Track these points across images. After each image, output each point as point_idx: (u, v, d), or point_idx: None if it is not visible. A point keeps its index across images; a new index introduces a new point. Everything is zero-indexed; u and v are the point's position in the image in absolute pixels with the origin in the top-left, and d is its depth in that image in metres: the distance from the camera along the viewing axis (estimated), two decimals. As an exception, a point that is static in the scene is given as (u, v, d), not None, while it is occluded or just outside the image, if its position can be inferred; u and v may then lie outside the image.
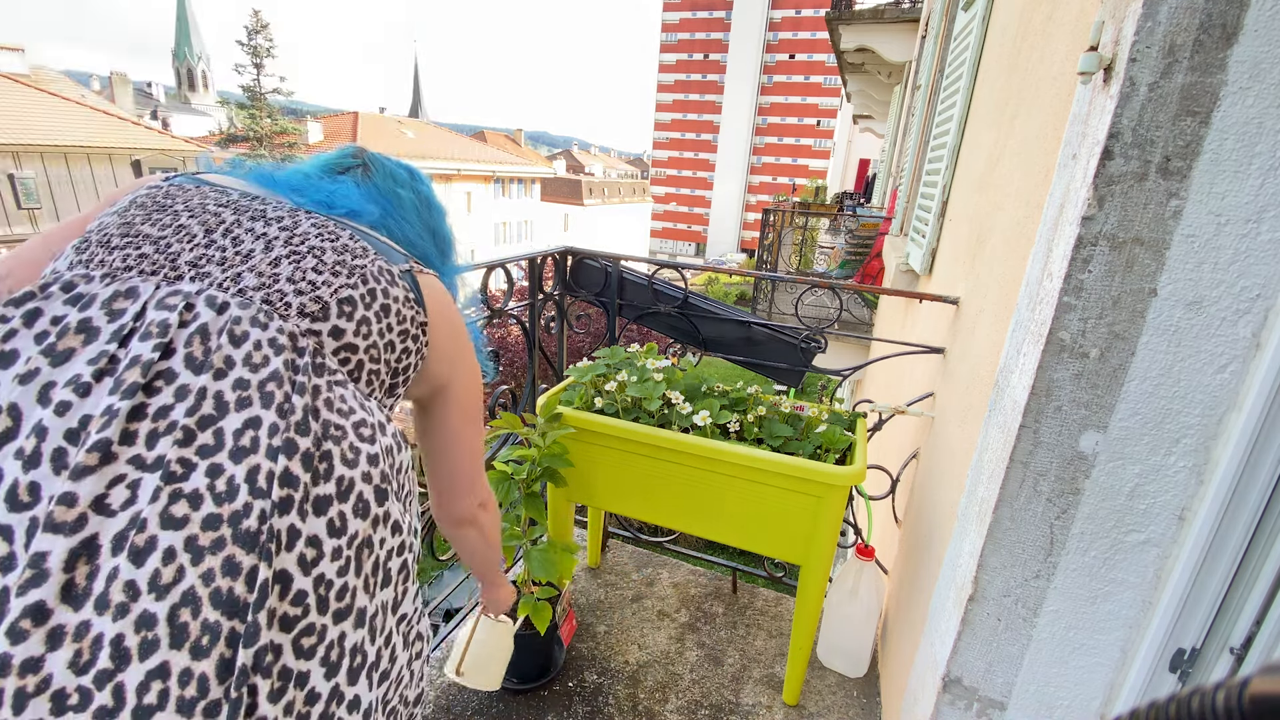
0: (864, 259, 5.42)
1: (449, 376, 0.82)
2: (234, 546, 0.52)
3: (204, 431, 0.54)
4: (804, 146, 61.11)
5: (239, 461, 0.54)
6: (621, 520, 2.31)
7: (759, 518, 1.46)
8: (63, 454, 0.50)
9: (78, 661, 0.46)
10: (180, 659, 0.49)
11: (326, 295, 0.65)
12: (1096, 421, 0.87)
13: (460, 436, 0.86)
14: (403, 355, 0.73)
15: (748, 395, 1.63)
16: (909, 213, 3.53)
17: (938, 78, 3.23)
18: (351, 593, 0.60)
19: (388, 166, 0.87)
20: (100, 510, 0.50)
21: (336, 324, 0.65)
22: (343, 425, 0.62)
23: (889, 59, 6.21)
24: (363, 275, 0.69)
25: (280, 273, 0.64)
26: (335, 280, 0.66)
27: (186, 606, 0.49)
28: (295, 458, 0.56)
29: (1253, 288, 0.76)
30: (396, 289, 0.71)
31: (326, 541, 0.57)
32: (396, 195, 0.85)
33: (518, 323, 1.90)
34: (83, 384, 0.53)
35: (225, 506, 0.53)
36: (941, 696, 1.07)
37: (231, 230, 0.66)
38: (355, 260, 0.69)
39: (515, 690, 1.59)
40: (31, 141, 12.91)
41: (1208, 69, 0.73)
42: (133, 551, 0.49)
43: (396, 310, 0.71)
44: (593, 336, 2.49)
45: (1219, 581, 0.83)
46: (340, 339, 0.66)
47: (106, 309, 0.57)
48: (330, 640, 0.58)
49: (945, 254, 2.11)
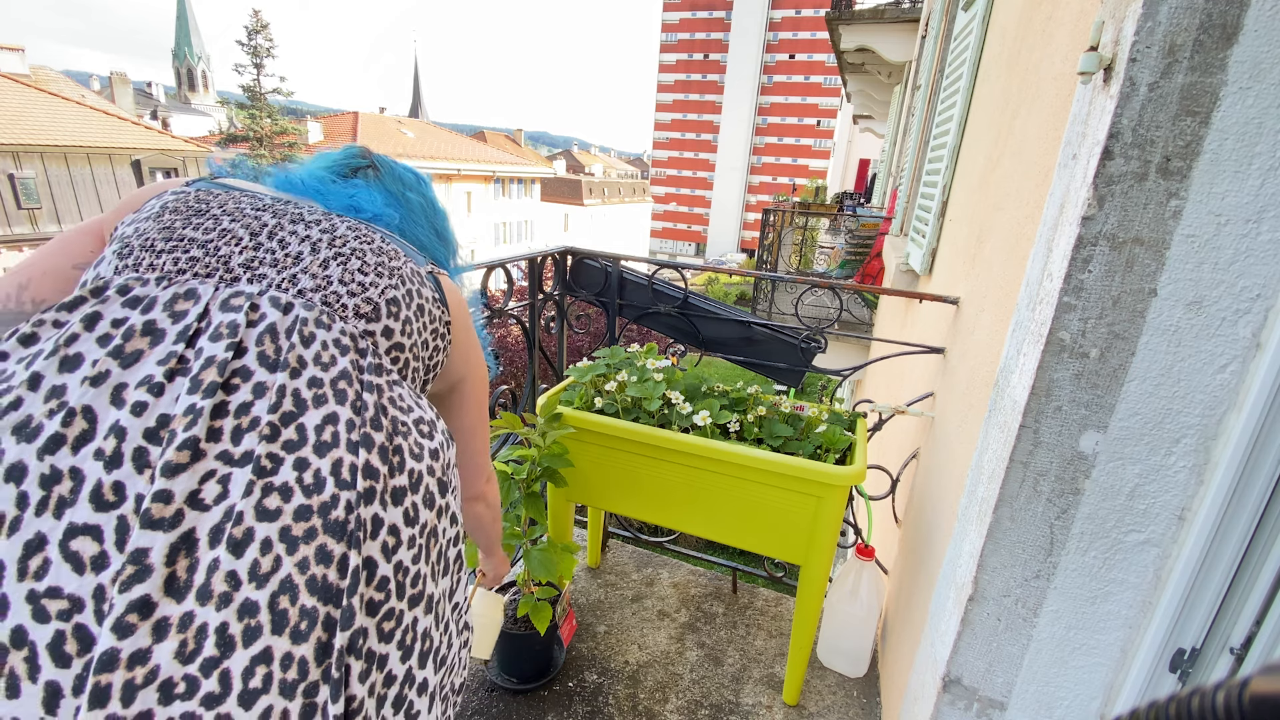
0: (864, 259, 5.42)
1: (464, 372, 0.85)
2: (325, 536, 0.54)
3: (287, 427, 0.56)
4: (804, 146, 61.09)
5: (323, 455, 0.56)
6: (621, 520, 2.31)
7: (759, 518, 1.46)
8: (144, 453, 0.51)
9: (184, 651, 0.47)
10: (281, 644, 0.51)
11: (376, 296, 0.67)
12: (1096, 421, 0.87)
13: (474, 427, 0.90)
14: (434, 353, 0.76)
15: (748, 395, 1.63)
16: (909, 213, 3.53)
17: (938, 78, 3.23)
18: (423, 579, 0.63)
19: (395, 170, 0.88)
20: (195, 505, 0.51)
21: (387, 324, 0.68)
22: (406, 422, 0.65)
23: (889, 59, 6.21)
24: (401, 276, 0.71)
25: (331, 275, 0.66)
26: (381, 282, 0.68)
27: (285, 593, 0.51)
28: (374, 451, 0.59)
29: (1253, 288, 0.76)
30: (427, 289, 0.74)
31: (404, 530, 0.61)
32: (406, 198, 0.86)
33: (518, 323, 1.90)
34: (156, 384, 0.54)
35: (314, 498, 0.55)
36: (941, 696, 1.07)
37: (276, 233, 0.67)
38: (393, 262, 0.71)
39: (515, 690, 1.59)
40: (31, 141, 12.92)
41: (1208, 69, 0.73)
42: (231, 543, 0.51)
43: (429, 310, 0.74)
44: (593, 336, 2.49)
45: (1219, 581, 0.83)
46: (391, 339, 0.68)
47: (169, 311, 0.58)
48: (406, 625, 0.61)
49: (945, 254, 2.11)
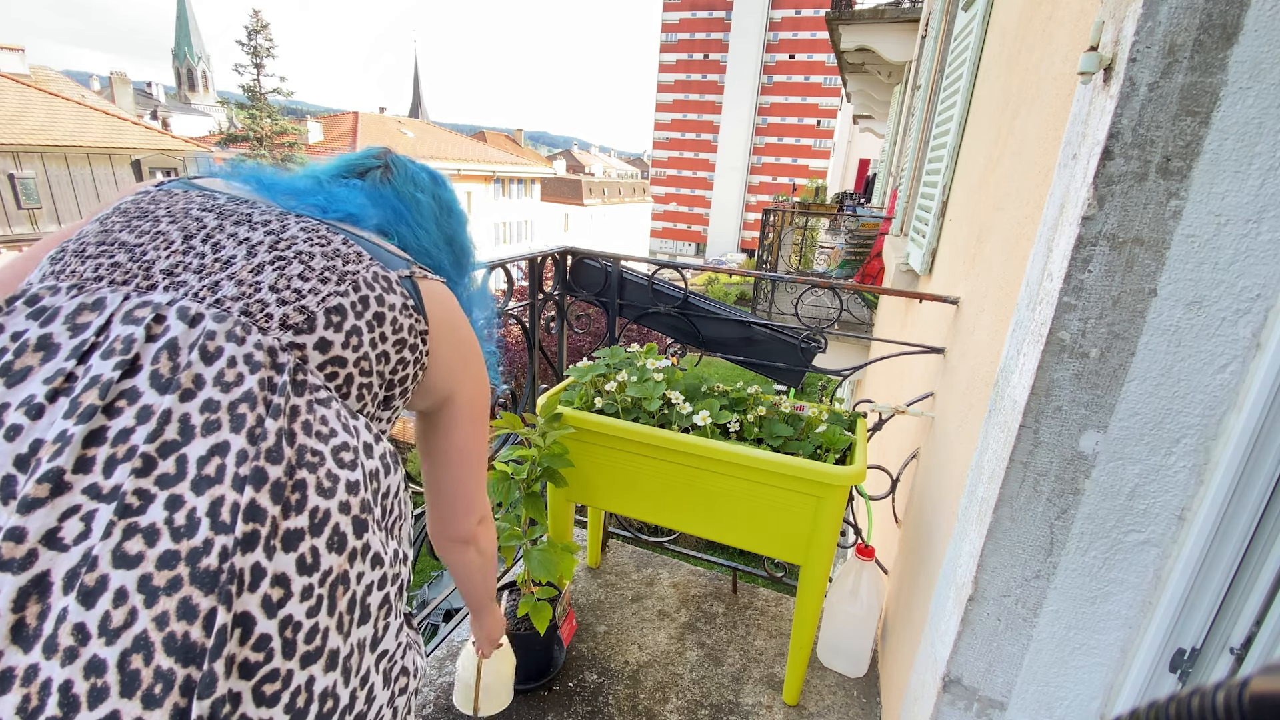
0: (864, 259, 5.43)
1: (452, 389, 0.78)
2: (191, 587, 0.48)
3: (165, 459, 0.50)
4: (804, 146, 61.10)
5: (201, 493, 0.50)
6: (621, 520, 2.31)
7: (759, 518, 1.46)
8: (11, 482, 0.47)
9: (26, 707, 0.43)
10: (131, 708, 0.45)
11: (313, 304, 0.61)
12: (1096, 421, 0.87)
13: (464, 452, 0.81)
14: (399, 366, 0.69)
15: (748, 395, 1.63)
16: (909, 213, 3.53)
17: (938, 78, 3.23)
18: (323, 634, 0.55)
19: (410, 170, 0.84)
20: (51, 545, 0.46)
21: (323, 335, 0.61)
22: (320, 450, 0.57)
23: (889, 59, 6.21)
24: (354, 282, 0.65)
25: (263, 281, 0.60)
26: (323, 287, 0.62)
27: (138, 652, 0.46)
28: (264, 489, 0.52)
29: (1253, 288, 0.76)
30: (394, 296, 0.68)
31: (295, 580, 0.53)
32: (415, 200, 0.82)
33: (518, 323, 1.90)
34: (35, 405, 0.49)
35: (184, 543, 0.48)
36: (942, 696, 1.07)
37: (213, 235, 0.62)
38: (347, 266, 0.65)
39: (515, 690, 1.59)
40: (31, 141, 12.92)
41: (1208, 69, 0.73)
42: (82, 592, 0.45)
43: (392, 319, 0.67)
44: (593, 336, 2.49)
45: (1219, 581, 0.83)
46: (327, 351, 0.62)
47: (69, 323, 0.53)
48: (297, 686, 0.53)
49: (945, 254, 2.11)
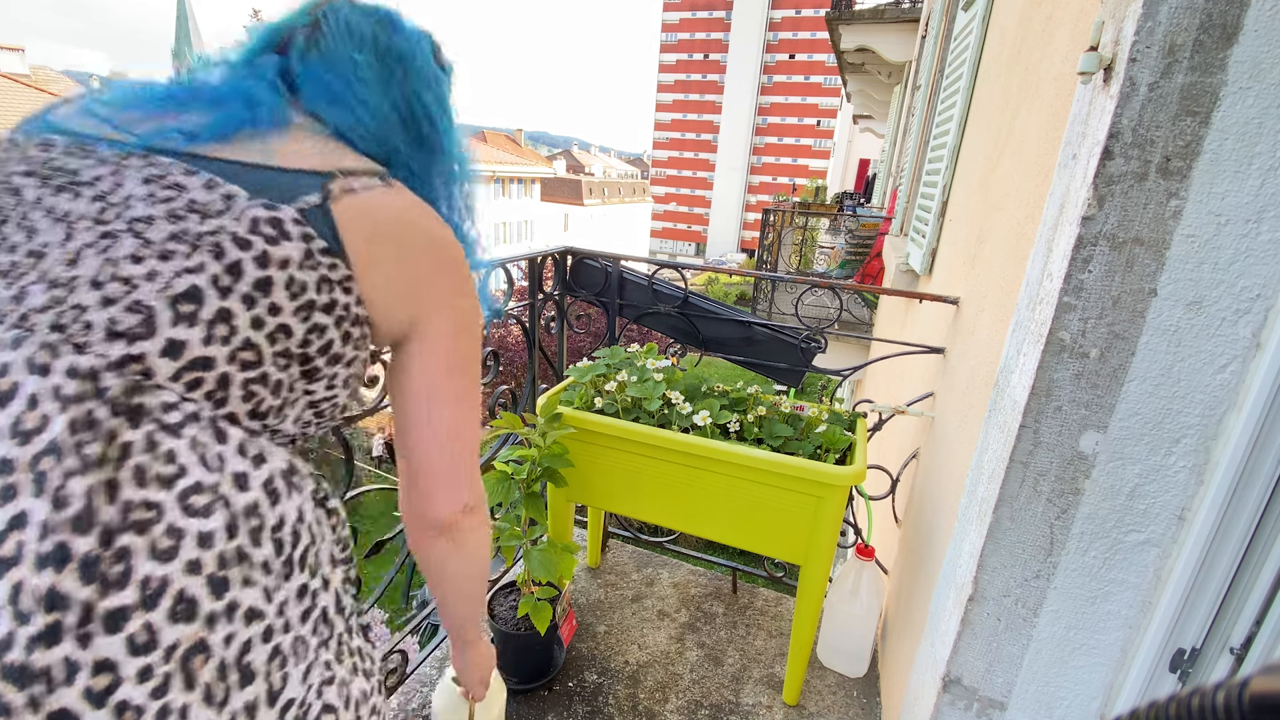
0: (864, 259, 5.43)
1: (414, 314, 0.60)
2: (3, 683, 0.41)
3: None
4: (804, 146, 61.15)
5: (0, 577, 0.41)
6: (621, 520, 2.31)
7: (759, 518, 1.46)
8: None
9: None
10: None
11: (150, 296, 0.47)
12: (1096, 421, 0.87)
13: (437, 400, 0.62)
14: (312, 335, 0.54)
15: (748, 395, 1.63)
16: (909, 213, 3.53)
17: (938, 78, 3.23)
18: (180, 712, 0.46)
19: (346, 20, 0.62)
20: None
21: (171, 336, 0.47)
22: (157, 501, 0.46)
23: (889, 59, 6.22)
24: (216, 247, 0.48)
25: (81, 274, 0.46)
26: (165, 266, 0.47)
27: None
28: (68, 569, 0.42)
29: (1253, 288, 0.76)
30: (288, 245, 0.51)
31: (126, 664, 0.44)
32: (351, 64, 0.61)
33: (518, 323, 1.90)
34: None
35: None
36: (941, 696, 1.07)
37: (28, 216, 0.48)
38: (205, 224, 0.49)
39: (515, 690, 1.59)
40: (31, 141, 12.94)
41: (1208, 69, 0.73)
42: None
43: (287, 280, 0.51)
44: (593, 336, 2.49)
45: (1219, 581, 0.83)
46: (180, 356, 0.48)
47: None
48: None
49: (945, 254, 2.11)
